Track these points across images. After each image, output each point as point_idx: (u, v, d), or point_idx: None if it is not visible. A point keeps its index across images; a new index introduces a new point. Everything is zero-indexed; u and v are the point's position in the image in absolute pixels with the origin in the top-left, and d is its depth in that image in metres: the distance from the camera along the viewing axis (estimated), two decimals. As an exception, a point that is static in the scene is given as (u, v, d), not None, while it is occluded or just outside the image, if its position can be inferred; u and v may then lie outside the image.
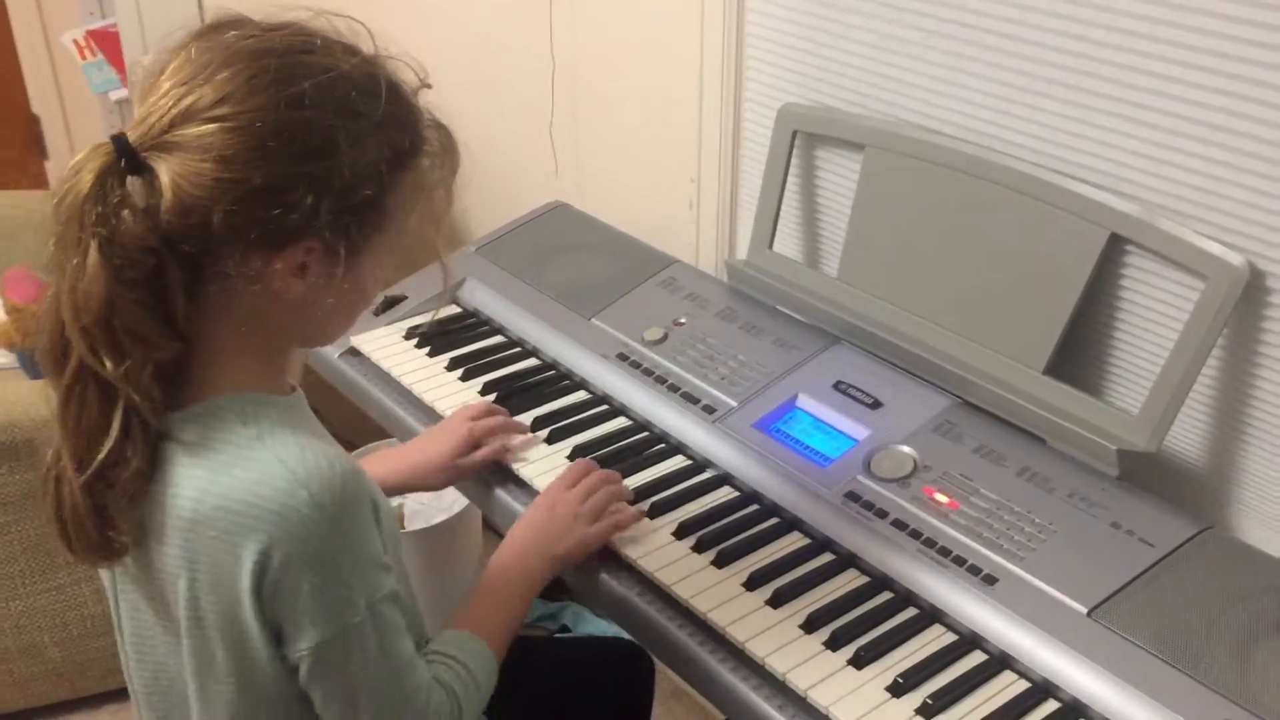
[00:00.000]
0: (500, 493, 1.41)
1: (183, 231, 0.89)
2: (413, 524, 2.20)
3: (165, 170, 0.88)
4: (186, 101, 0.89)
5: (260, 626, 0.94)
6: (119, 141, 0.89)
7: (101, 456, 0.92)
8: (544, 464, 1.41)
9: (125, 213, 0.88)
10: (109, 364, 0.89)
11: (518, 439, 1.44)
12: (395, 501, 2.19)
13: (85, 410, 0.92)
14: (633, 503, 1.33)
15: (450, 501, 2.20)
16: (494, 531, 2.48)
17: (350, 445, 2.38)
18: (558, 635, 2.21)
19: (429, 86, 1.04)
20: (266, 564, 0.91)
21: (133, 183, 0.88)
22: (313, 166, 0.90)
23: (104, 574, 1.08)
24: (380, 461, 1.39)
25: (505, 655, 1.17)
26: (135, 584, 1.03)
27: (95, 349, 0.89)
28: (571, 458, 1.41)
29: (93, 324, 0.89)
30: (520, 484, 1.41)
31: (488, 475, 1.42)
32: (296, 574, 0.92)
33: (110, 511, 0.95)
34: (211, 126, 0.88)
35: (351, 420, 2.30)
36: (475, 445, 1.40)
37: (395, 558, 1.04)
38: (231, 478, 0.93)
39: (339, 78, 0.92)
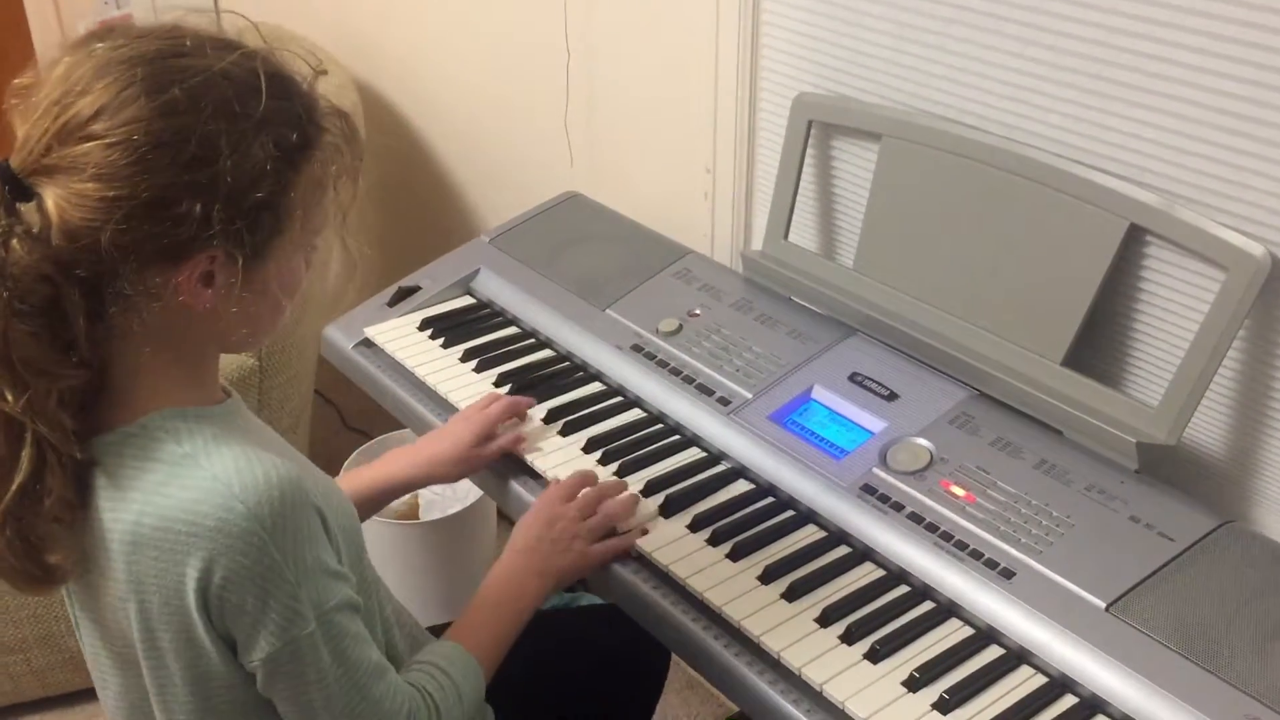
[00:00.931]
0: (515, 485, 1.41)
1: (74, 256, 0.86)
2: (428, 514, 2.20)
3: (50, 194, 0.86)
4: (62, 120, 0.87)
5: (213, 641, 0.94)
6: (2, 169, 0.87)
7: (15, 488, 0.90)
8: (558, 455, 1.41)
9: (14, 242, 0.85)
10: (10, 397, 0.87)
11: (530, 426, 1.44)
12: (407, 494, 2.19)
13: None
14: (634, 507, 1.30)
15: (465, 492, 2.20)
16: (509, 522, 2.47)
17: (365, 436, 2.38)
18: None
19: (324, 73, 1.00)
20: (209, 580, 0.90)
21: (21, 210, 0.86)
22: (197, 174, 0.87)
23: (66, 602, 1.06)
24: (395, 459, 1.38)
25: (495, 669, 1.16)
26: (85, 612, 1.03)
27: None
28: (586, 450, 1.41)
29: None
30: (535, 475, 1.40)
31: (501, 467, 1.42)
32: (239, 589, 0.90)
33: (40, 539, 0.93)
34: (89, 145, 0.86)
35: (366, 411, 2.30)
36: (490, 435, 1.39)
37: (356, 565, 1.03)
38: (167, 498, 0.91)
39: (213, 78, 0.89)
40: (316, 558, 0.94)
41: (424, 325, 1.66)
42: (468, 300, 1.74)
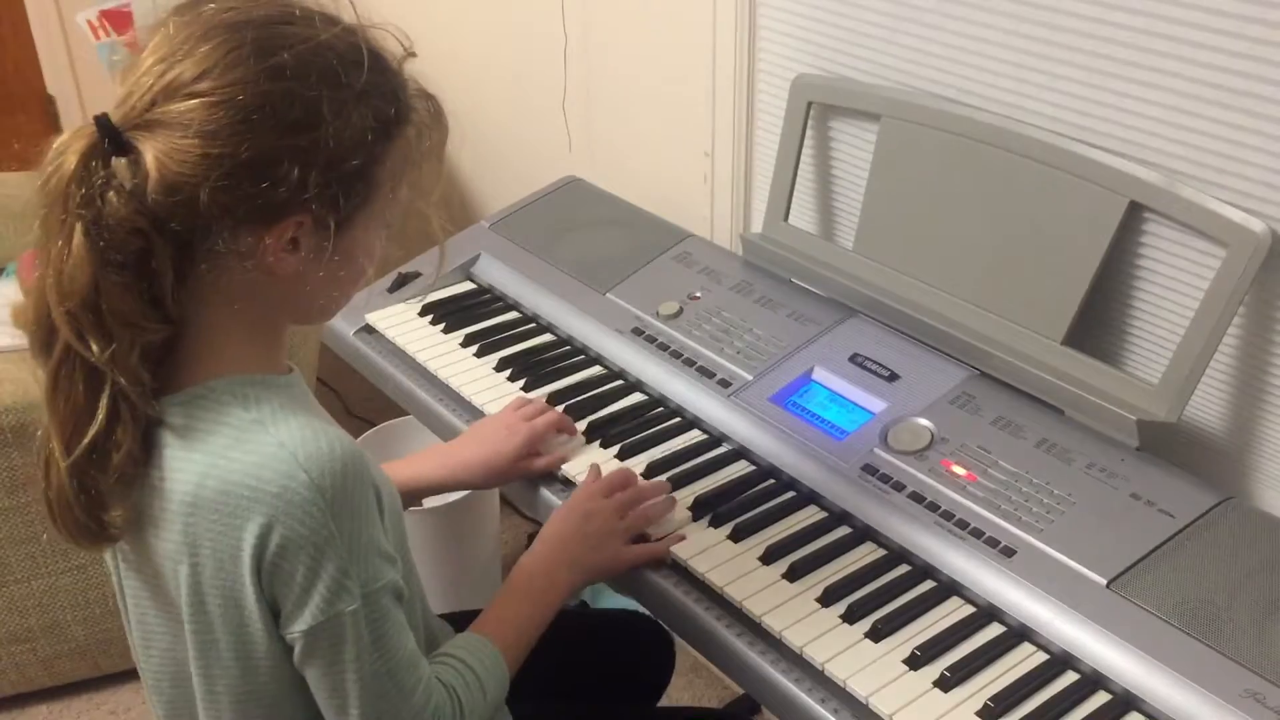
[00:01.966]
0: (543, 490, 1.39)
1: (170, 210, 0.87)
2: (429, 501, 2.19)
3: (150, 149, 0.86)
4: (168, 78, 0.88)
5: (260, 608, 0.94)
6: (101, 122, 0.88)
7: (87, 440, 0.91)
8: (558, 439, 1.40)
9: (110, 194, 0.86)
10: (95, 348, 0.88)
11: (573, 441, 1.40)
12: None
13: (72, 394, 0.90)
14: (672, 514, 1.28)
15: (468, 478, 2.20)
16: (511, 508, 2.48)
17: (368, 423, 2.38)
18: (577, 609, 2.21)
19: (414, 55, 1.01)
20: (265, 543, 0.91)
21: (117, 163, 0.87)
22: (298, 138, 0.89)
23: (108, 562, 1.07)
24: (427, 459, 1.35)
25: (521, 663, 1.15)
26: (136, 572, 1.03)
27: (81, 333, 0.88)
28: (588, 434, 1.41)
29: (78, 308, 0.87)
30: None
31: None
32: (293, 556, 0.91)
33: (102, 495, 0.94)
34: (194, 102, 0.87)
35: (370, 398, 2.30)
36: (535, 450, 1.36)
37: (401, 551, 1.03)
38: (231, 461, 0.92)
39: (320, 47, 0.91)
40: (371, 536, 0.95)
41: (424, 311, 1.66)
42: (468, 285, 1.74)
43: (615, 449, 1.38)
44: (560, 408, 1.45)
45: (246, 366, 0.97)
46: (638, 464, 1.35)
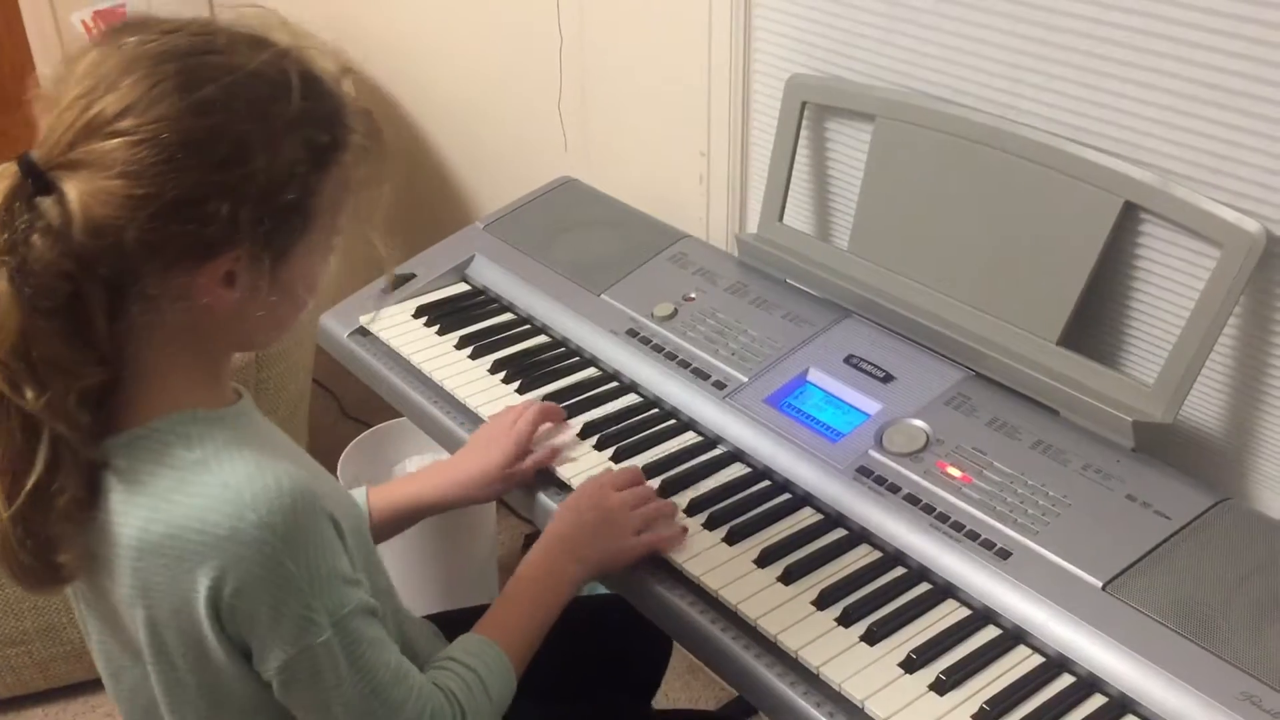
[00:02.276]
0: (541, 496, 1.38)
1: (97, 253, 0.85)
2: (427, 502, 2.19)
3: (73, 189, 0.84)
4: (89, 115, 0.85)
5: (225, 647, 0.92)
6: (24, 162, 0.85)
7: (29, 488, 0.88)
8: (554, 439, 1.40)
9: (35, 238, 0.84)
10: (29, 395, 0.86)
11: (564, 436, 1.39)
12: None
13: (10, 441, 0.88)
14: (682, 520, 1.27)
15: (464, 479, 2.19)
16: (507, 508, 2.48)
17: (364, 425, 2.38)
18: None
19: (351, 71, 0.98)
20: (220, 589, 0.89)
21: (42, 205, 0.84)
22: (227, 175, 0.86)
23: (71, 600, 1.06)
24: (425, 479, 1.35)
25: (528, 662, 1.14)
26: (95, 611, 1.02)
27: (13, 381, 0.85)
28: (582, 435, 1.41)
29: (8, 356, 0.85)
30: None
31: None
32: (252, 598, 0.89)
33: (50, 539, 0.92)
34: (117, 141, 0.84)
35: (366, 400, 2.30)
36: (524, 451, 1.35)
37: (369, 570, 1.02)
38: (176, 505, 0.90)
39: (246, 77, 0.87)
40: (331, 566, 0.93)
41: (419, 313, 1.66)
42: (463, 287, 1.73)
43: (610, 451, 1.38)
44: (578, 425, 1.43)
45: (189, 402, 0.94)
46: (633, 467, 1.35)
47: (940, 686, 1.06)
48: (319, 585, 0.92)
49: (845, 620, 1.13)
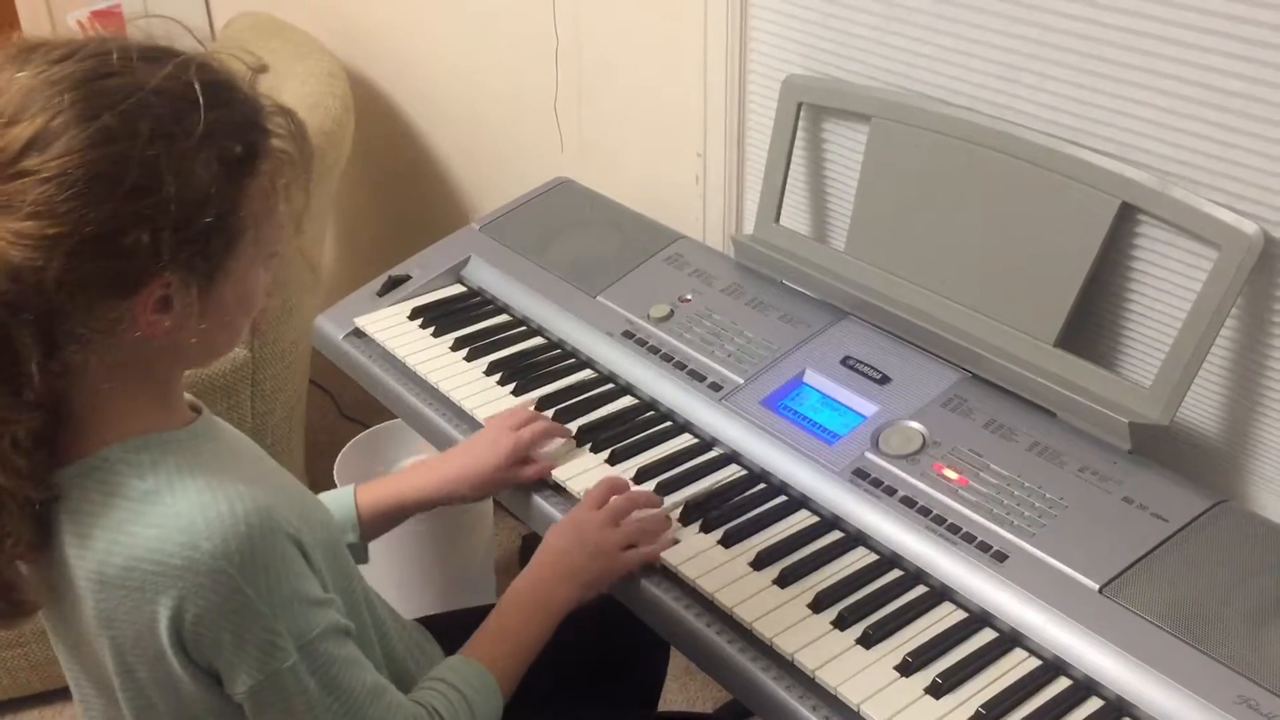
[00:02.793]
0: (537, 499, 1.38)
1: (19, 297, 0.81)
2: (423, 504, 2.19)
3: None
4: None
5: (192, 674, 0.91)
6: None
7: None
8: (548, 443, 1.39)
9: None
10: None
11: (557, 444, 1.38)
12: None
13: None
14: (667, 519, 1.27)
15: (460, 481, 2.19)
16: (505, 511, 2.47)
17: (361, 425, 2.38)
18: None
19: (264, 70, 0.94)
20: (181, 619, 0.87)
21: None
22: (140, 203, 0.82)
23: (44, 622, 1.04)
24: (416, 474, 1.33)
25: (517, 684, 1.13)
26: (61, 641, 1.01)
27: None
28: (578, 439, 1.40)
29: None
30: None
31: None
32: (213, 626, 0.88)
33: (7, 581, 0.90)
34: (22, 182, 0.80)
35: (362, 400, 2.29)
36: (521, 456, 1.34)
37: (342, 583, 1.01)
38: (131, 536, 0.88)
39: (146, 98, 0.83)
40: (293, 589, 0.91)
41: (414, 314, 1.65)
42: (458, 288, 1.73)
43: (606, 453, 1.37)
44: (550, 412, 1.44)
45: (139, 426, 0.92)
46: (628, 469, 1.35)
47: (937, 690, 1.06)
48: (280, 609, 0.90)
49: (841, 623, 1.13)
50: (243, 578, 0.88)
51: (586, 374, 1.53)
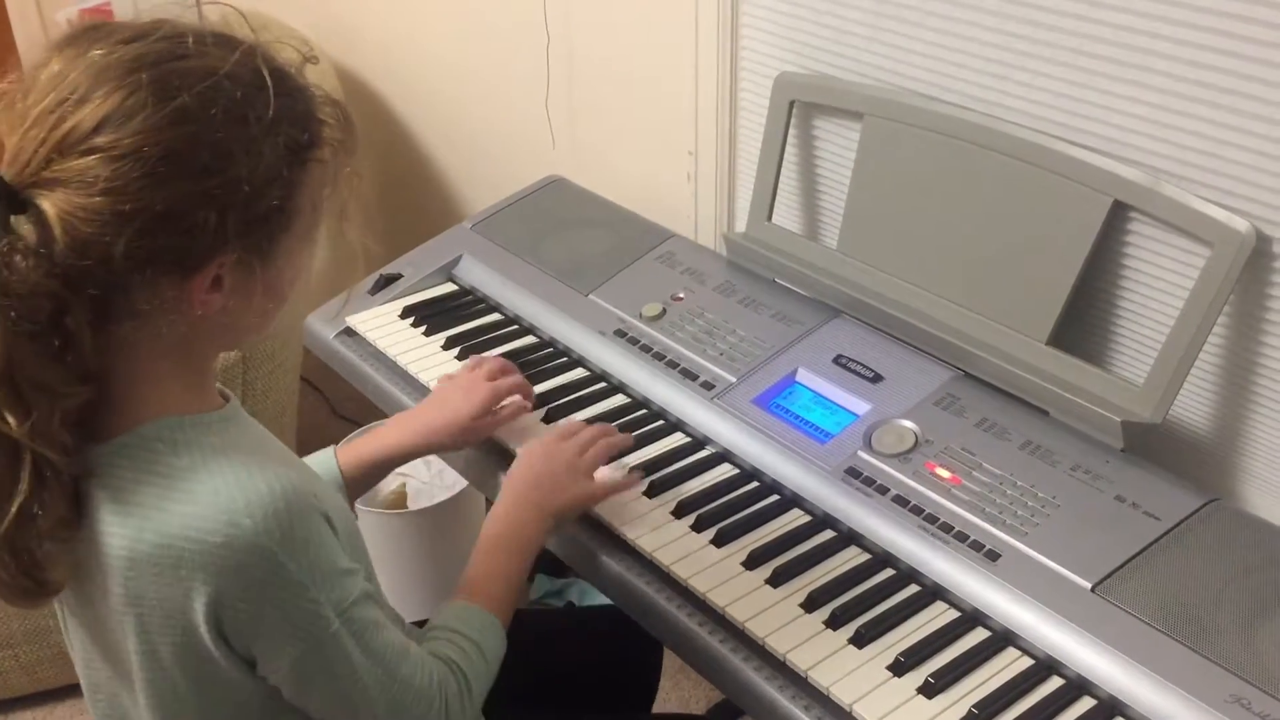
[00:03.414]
0: (502, 476, 1.39)
1: (83, 272, 0.83)
2: (416, 503, 2.19)
3: (51, 208, 0.82)
4: (62, 130, 0.82)
5: (225, 656, 0.92)
6: None
7: (14, 511, 0.86)
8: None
9: (16, 259, 0.81)
10: (12, 421, 0.83)
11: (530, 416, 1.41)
12: (396, 483, 2.18)
13: None
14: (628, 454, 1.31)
15: (453, 480, 2.19)
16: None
17: (353, 424, 2.37)
18: (564, 609, 2.20)
19: (315, 60, 0.97)
20: (221, 601, 0.88)
21: (19, 226, 0.82)
22: (211, 183, 0.84)
23: (58, 612, 1.04)
24: (390, 431, 1.34)
25: (512, 616, 1.15)
26: (80, 621, 1.01)
27: None
28: (569, 436, 1.40)
29: None
30: (517, 463, 1.39)
31: (487, 460, 1.40)
32: (256, 603, 0.89)
33: (37, 558, 0.90)
34: (95, 158, 0.81)
35: (355, 399, 2.29)
36: (496, 405, 1.36)
37: (359, 553, 1.02)
38: (167, 513, 0.88)
39: (220, 81, 0.85)
40: (329, 561, 0.93)
41: (406, 313, 1.65)
42: (450, 287, 1.72)
43: (597, 452, 1.37)
44: (542, 411, 1.44)
45: (176, 407, 0.93)
46: (618, 468, 1.34)
47: (929, 689, 1.05)
48: (320, 580, 0.92)
49: (834, 623, 1.13)
50: (284, 553, 0.89)
51: (578, 373, 1.52)
